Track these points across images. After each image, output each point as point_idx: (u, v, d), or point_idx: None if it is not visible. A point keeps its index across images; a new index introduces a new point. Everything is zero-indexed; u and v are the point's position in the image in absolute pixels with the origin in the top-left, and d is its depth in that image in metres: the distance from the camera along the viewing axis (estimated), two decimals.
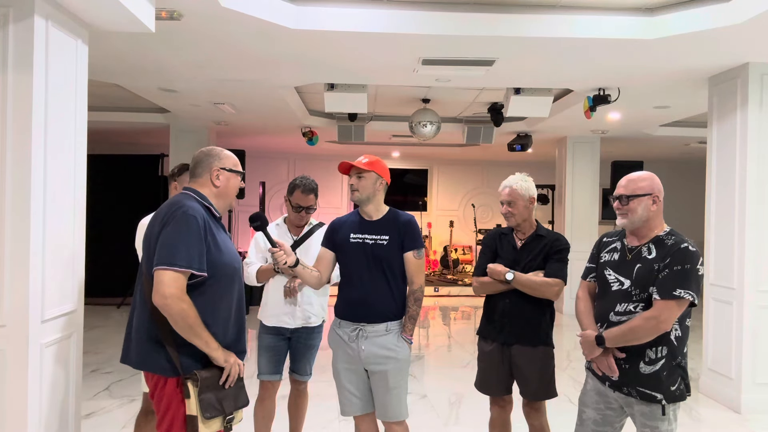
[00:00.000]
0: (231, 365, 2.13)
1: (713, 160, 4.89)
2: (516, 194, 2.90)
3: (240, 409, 2.19)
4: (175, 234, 2.06)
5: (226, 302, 2.19)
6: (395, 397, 2.65)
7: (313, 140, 8.24)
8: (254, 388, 3.03)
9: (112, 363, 5.42)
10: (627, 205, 2.33)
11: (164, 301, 2.00)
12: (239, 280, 2.28)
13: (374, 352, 2.63)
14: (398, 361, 2.64)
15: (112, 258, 7.70)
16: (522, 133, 8.35)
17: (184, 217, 2.08)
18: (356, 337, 2.65)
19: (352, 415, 2.75)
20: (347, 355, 2.68)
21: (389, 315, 2.66)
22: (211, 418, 2.06)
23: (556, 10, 4.00)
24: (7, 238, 2.57)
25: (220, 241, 2.18)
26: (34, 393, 2.60)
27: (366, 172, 2.70)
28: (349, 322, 2.68)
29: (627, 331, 2.24)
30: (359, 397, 2.71)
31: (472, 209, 11.84)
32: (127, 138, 9.41)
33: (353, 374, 2.69)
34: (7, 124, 2.57)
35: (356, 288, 2.67)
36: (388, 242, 2.67)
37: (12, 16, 2.57)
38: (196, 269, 2.06)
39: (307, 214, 3.19)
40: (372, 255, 2.66)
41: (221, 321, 2.17)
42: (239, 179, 2.36)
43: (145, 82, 5.68)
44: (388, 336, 2.64)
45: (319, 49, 4.45)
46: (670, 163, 11.11)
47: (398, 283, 2.69)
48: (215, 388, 2.11)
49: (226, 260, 2.19)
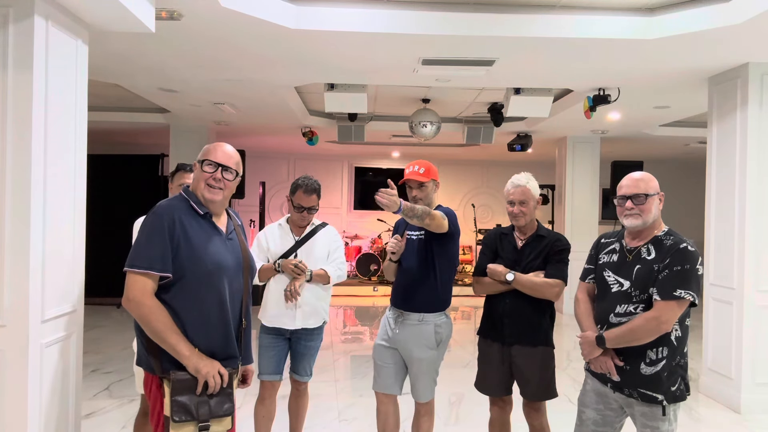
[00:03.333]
0: (203, 376, 2.00)
1: (713, 160, 4.89)
2: (529, 194, 2.89)
3: (221, 418, 2.06)
4: (140, 235, 2.06)
5: (206, 304, 2.08)
6: (422, 381, 2.94)
7: (313, 140, 8.24)
8: (254, 388, 3.04)
9: (112, 363, 5.42)
10: (643, 204, 2.28)
11: (128, 305, 1.99)
12: (229, 280, 2.16)
13: (407, 339, 2.92)
14: (427, 350, 2.90)
15: (112, 258, 7.62)
16: (522, 133, 8.35)
17: (149, 218, 2.08)
18: (395, 320, 2.97)
19: (378, 390, 3.04)
20: (387, 335, 3.00)
21: (423, 306, 2.91)
22: (180, 422, 1.98)
23: (556, 10, 4.00)
24: (7, 238, 2.57)
25: (194, 240, 2.08)
26: (34, 393, 2.60)
27: (426, 182, 2.94)
28: (395, 308, 3.00)
29: (627, 331, 2.24)
30: (386, 377, 3.01)
31: (472, 209, 11.84)
32: (127, 138, 9.41)
33: (388, 354, 3.00)
34: (7, 124, 2.57)
35: (402, 277, 2.98)
36: (425, 235, 2.90)
37: (12, 16, 2.57)
38: (158, 270, 2.00)
39: (309, 215, 3.18)
40: (412, 249, 2.94)
41: (200, 324, 2.07)
42: (201, 167, 2.19)
43: (145, 82, 5.68)
44: (421, 326, 2.90)
45: (319, 49, 4.45)
46: (670, 163, 11.10)
47: (440, 273, 2.90)
48: (193, 392, 2.01)
49: (204, 259, 2.08)
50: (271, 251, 3.19)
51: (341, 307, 8.87)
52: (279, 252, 3.17)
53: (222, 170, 2.18)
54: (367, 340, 6.97)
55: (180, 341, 2.01)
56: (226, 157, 2.21)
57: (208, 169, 2.17)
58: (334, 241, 3.28)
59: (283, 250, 3.18)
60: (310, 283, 3.12)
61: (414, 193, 2.93)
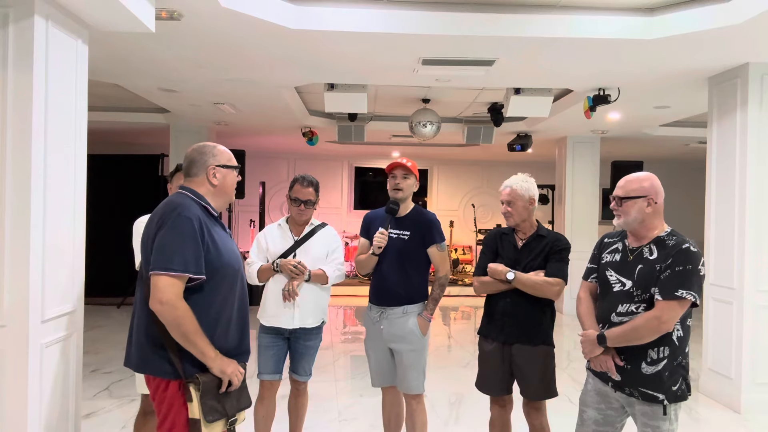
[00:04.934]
0: (228, 376, 2.07)
1: (713, 160, 4.89)
2: (516, 194, 2.91)
3: (243, 410, 2.17)
4: (171, 237, 2.01)
5: (229, 304, 2.15)
6: (411, 373, 3.02)
7: (313, 140, 8.24)
8: (254, 388, 3.04)
9: (112, 363, 5.42)
10: (621, 207, 2.35)
11: (160, 307, 1.97)
12: (241, 281, 2.23)
13: (393, 333, 3.03)
14: (413, 342, 3.01)
15: (112, 258, 7.66)
16: (522, 133, 8.35)
17: (179, 219, 2.03)
18: (379, 318, 3.08)
19: (377, 386, 3.18)
20: (373, 333, 3.11)
21: (406, 299, 3.03)
22: (213, 421, 2.03)
23: (556, 10, 4.00)
24: (7, 238, 2.57)
25: (219, 242, 2.13)
26: (34, 393, 2.60)
27: (411, 174, 3.08)
28: (376, 306, 3.11)
29: (629, 330, 2.24)
30: (382, 372, 3.13)
31: (472, 209, 11.84)
32: (127, 138, 9.41)
33: (378, 351, 3.11)
34: (7, 124, 2.57)
35: (381, 276, 3.08)
36: (408, 237, 3.05)
37: (12, 16, 2.57)
38: (193, 272, 2.00)
39: (306, 209, 3.17)
40: (393, 248, 3.03)
41: (223, 324, 2.12)
42: (235, 174, 2.29)
43: (145, 82, 5.68)
44: (405, 318, 3.02)
45: (319, 49, 4.45)
46: (670, 163, 11.10)
47: (416, 272, 3.06)
48: (217, 391, 2.07)
49: (226, 261, 2.14)
50: (271, 251, 3.19)
51: (341, 307, 8.86)
52: (278, 252, 3.17)
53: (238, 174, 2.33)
54: None
55: (207, 344, 2.03)
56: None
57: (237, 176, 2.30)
58: (333, 241, 3.28)
59: (282, 249, 3.18)
60: (309, 282, 3.12)
61: (398, 181, 3.06)
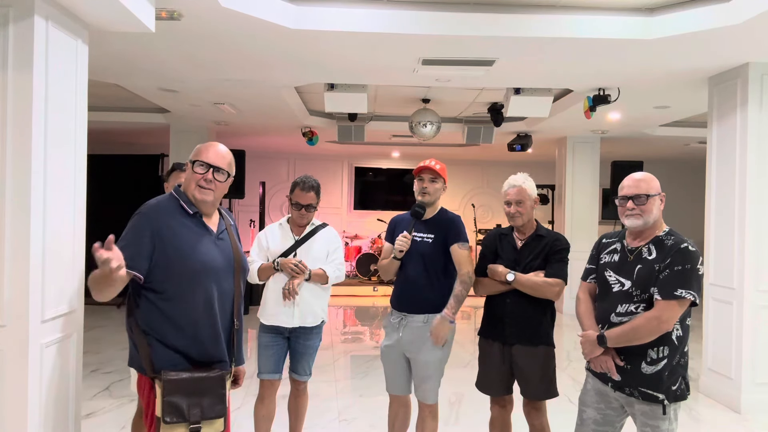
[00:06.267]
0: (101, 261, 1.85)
1: (713, 160, 4.89)
2: (525, 194, 2.90)
3: (212, 420, 2.05)
4: (123, 233, 2.08)
5: (195, 303, 2.08)
6: (429, 383, 2.93)
7: (313, 140, 8.24)
8: (254, 388, 3.04)
9: (112, 363, 5.42)
10: (645, 205, 2.29)
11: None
12: (217, 281, 2.14)
13: (411, 341, 2.92)
14: (433, 352, 2.89)
15: None
16: (522, 133, 8.35)
17: (134, 216, 2.09)
18: (398, 324, 2.97)
19: (390, 392, 3.08)
20: (392, 339, 2.99)
21: (429, 307, 2.91)
22: (171, 423, 1.97)
23: (556, 10, 4.00)
24: (7, 238, 2.57)
25: (182, 239, 2.07)
26: (34, 393, 2.60)
27: (439, 178, 2.96)
28: (396, 311, 3.00)
29: (629, 330, 2.24)
30: (397, 378, 3.03)
31: (472, 209, 11.84)
32: (127, 138, 9.41)
33: (395, 357, 3.00)
34: (7, 124, 2.57)
35: (403, 280, 2.98)
36: (433, 240, 2.93)
37: (12, 16, 2.57)
38: (128, 268, 1.97)
39: (307, 212, 3.17)
40: (417, 251, 2.92)
41: (187, 324, 2.06)
42: (192, 168, 2.17)
43: (145, 82, 5.68)
44: (425, 327, 2.90)
45: (319, 49, 4.45)
46: (670, 163, 11.10)
47: (441, 278, 2.92)
48: (186, 393, 2.00)
49: (192, 259, 2.07)
50: (271, 250, 3.20)
51: (341, 307, 8.86)
52: (279, 251, 3.18)
53: (213, 171, 2.15)
54: (367, 340, 6.97)
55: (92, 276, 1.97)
56: (218, 158, 2.18)
57: (199, 170, 2.15)
58: (334, 241, 3.29)
59: (283, 249, 3.18)
60: (309, 282, 3.12)
61: (425, 185, 2.94)
